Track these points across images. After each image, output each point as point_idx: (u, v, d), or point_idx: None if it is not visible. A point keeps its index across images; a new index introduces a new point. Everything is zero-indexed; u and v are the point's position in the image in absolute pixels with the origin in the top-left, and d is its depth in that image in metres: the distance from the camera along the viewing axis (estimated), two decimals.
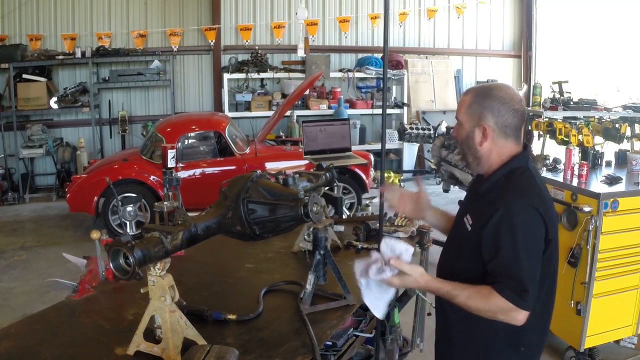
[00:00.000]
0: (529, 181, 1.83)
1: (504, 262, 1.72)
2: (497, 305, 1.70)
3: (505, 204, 1.75)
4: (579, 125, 4.35)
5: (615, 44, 8.66)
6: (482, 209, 1.82)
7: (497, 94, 1.84)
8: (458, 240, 1.95)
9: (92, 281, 2.41)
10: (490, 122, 1.82)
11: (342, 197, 2.98)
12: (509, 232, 1.71)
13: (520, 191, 1.79)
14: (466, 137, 1.87)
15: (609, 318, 3.51)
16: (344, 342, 2.12)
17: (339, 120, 6.81)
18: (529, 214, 1.74)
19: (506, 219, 1.73)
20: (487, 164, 1.88)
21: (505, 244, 1.72)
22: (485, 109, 1.82)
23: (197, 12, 9.02)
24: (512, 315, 1.71)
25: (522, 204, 1.75)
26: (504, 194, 1.79)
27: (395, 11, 9.75)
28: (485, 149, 1.85)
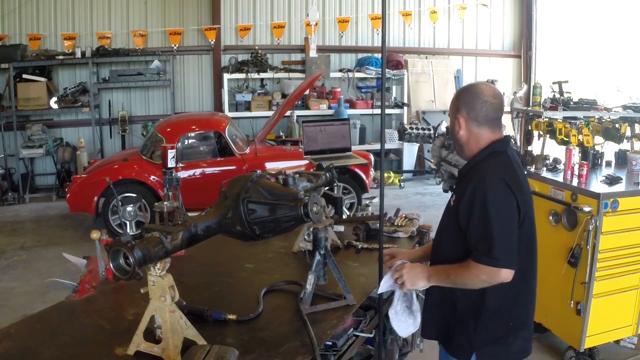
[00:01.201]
0: (502, 161, 2.07)
1: (476, 227, 1.96)
2: (479, 273, 1.93)
3: (477, 177, 2.02)
4: (579, 125, 4.35)
5: (615, 44, 8.66)
6: (462, 186, 2.09)
7: (470, 89, 2.17)
8: (446, 219, 2.18)
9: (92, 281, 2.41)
10: (463, 113, 2.12)
11: (342, 197, 2.98)
12: (479, 201, 1.96)
13: (492, 167, 2.04)
14: (451, 129, 2.21)
15: (609, 318, 3.51)
16: (344, 342, 2.12)
17: (339, 120, 6.81)
18: (498, 184, 1.98)
19: (477, 190, 1.98)
20: (467, 149, 2.16)
21: (477, 211, 1.96)
22: (460, 103, 2.14)
23: (197, 12, 9.02)
24: (495, 276, 1.92)
25: (492, 177, 2.00)
26: (478, 171, 2.06)
27: (396, 11, 9.76)
28: (463, 137, 2.14)
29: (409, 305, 2.17)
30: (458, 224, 2.04)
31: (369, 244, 2.80)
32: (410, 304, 2.17)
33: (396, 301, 2.16)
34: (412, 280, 2.07)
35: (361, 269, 2.52)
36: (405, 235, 2.90)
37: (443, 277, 2.04)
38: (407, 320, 2.17)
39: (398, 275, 2.09)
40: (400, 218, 3.03)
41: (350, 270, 2.49)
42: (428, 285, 2.09)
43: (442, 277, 2.04)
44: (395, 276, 2.10)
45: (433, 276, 2.06)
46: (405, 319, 2.17)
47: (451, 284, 2.02)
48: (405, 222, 2.98)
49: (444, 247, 2.17)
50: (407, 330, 2.20)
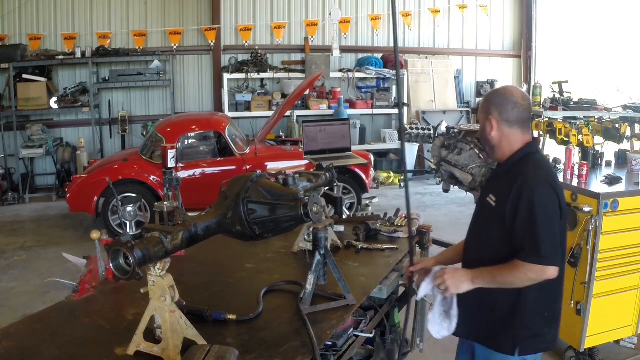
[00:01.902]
0: (540, 163, 2.19)
1: (523, 227, 2.03)
2: (527, 272, 2.01)
3: (522, 178, 2.09)
4: (579, 125, 4.35)
5: (615, 44, 8.66)
6: (503, 187, 2.16)
7: (500, 92, 2.25)
8: (483, 219, 2.27)
9: (92, 281, 2.41)
10: (495, 114, 2.19)
11: (342, 197, 2.98)
12: (526, 202, 2.04)
13: (534, 169, 2.14)
14: (481, 130, 2.27)
15: (609, 318, 3.51)
16: (344, 342, 2.12)
17: (339, 120, 6.82)
18: (543, 186, 2.09)
19: (524, 191, 2.06)
20: (500, 151, 2.24)
21: (523, 211, 2.04)
22: (491, 105, 2.21)
23: (197, 12, 9.02)
24: (543, 274, 2.02)
25: (537, 179, 2.10)
26: (521, 172, 2.13)
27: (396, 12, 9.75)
28: (495, 137, 2.21)
29: (447, 310, 2.22)
30: (499, 224, 2.13)
31: (369, 244, 2.80)
32: (449, 308, 2.21)
33: (436, 306, 2.22)
34: (455, 285, 2.12)
35: (361, 269, 2.52)
36: (405, 235, 2.90)
37: (489, 279, 2.09)
38: (442, 324, 2.23)
39: (440, 281, 2.13)
40: (400, 218, 3.03)
41: (350, 270, 2.49)
42: (472, 287, 2.11)
43: (488, 279, 2.09)
44: (437, 282, 2.15)
45: (477, 278, 2.11)
46: (441, 323, 2.23)
47: (497, 285, 2.08)
48: (405, 222, 2.98)
49: (482, 246, 2.24)
50: (442, 332, 2.24)
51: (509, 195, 2.09)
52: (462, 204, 7.19)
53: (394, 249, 2.74)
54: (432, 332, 2.26)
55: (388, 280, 2.51)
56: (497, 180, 2.28)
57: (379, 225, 2.98)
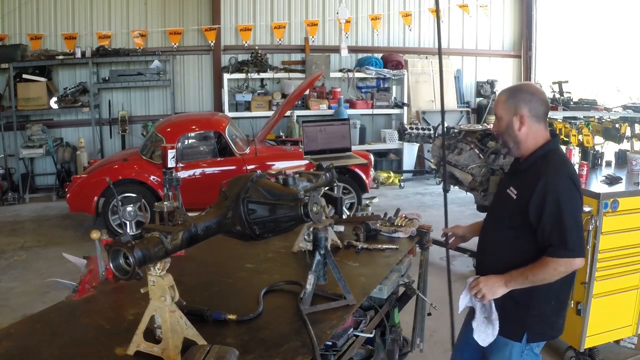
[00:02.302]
0: (562, 159, 2.30)
1: (550, 222, 2.13)
2: (557, 266, 2.13)
3: (546, 175, 2.18)
4: (579, 125, 4.36)
5: (615, 43, 8.66)
6: (525, 181, 2.25)
7: (526, 89, 2.33)
8: (501, 211, 2.37)
9: (92, 281, 2.40)
10: (524, 110, 2.26)
11: (342, 197, 2.98)
12: (552, 198, 2.14)
13: (557, 165, 2.23)
14: (506, 127, 2.30)
15: (609, 318, 3.51)
16: (344, 342, 2.12)
17: (339, 120, 6.81)
18: (567, 183, 2.18)
19: (549, 187, 2.15)
20: (524, 146, 2.30)
21: (550, 207, 2.13)
22: (519, 101, 2.27)
23: (197, 12, 9.03)
24: (572, 266, 2.15)
25: (561, 176, 2.19)
26: (544, 168, 2.22)
27: (396, 12, 9.76)
28: (523, 133, 2.28)
29: (487, 316, 2.32)
30: (518, 215, 2.23)
31: (369, 244, 2.79)
32: (489, 314, 2.31)
33: (478, 314, 2.35)
34: (491, 291, 2.24)
35: (361, 269, 2.52)
36: (405, 235, 2.90)
37: (521, 280, 2.19)
38: (486, 330, 2.33)
39: (476, 290, 2.27)
40: (400, 218, 3.03)
41: (350, 270, 2.48)
42: (507, 291, 2.23)
43: (520, 280, 2.19)
44: (474, 292, 2.29)
45: (510, 282, 2.22)
46: (485, 330, 2.34)
47: (530, 283, 2.19)
48: (405, 222, 2.98)
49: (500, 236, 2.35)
50: (487, 339, 2.34)
51: (531, 190, 2.17)
52: (462, 204, 7.19)
53: (394, 249, 2.74)
54: (478, 341, 2.37)
55: (388, 280, 2.51)
56: (518, 174, 2.35)
57: (379, 225, 2.98)
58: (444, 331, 4.08)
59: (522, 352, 2.30)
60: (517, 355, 2.31)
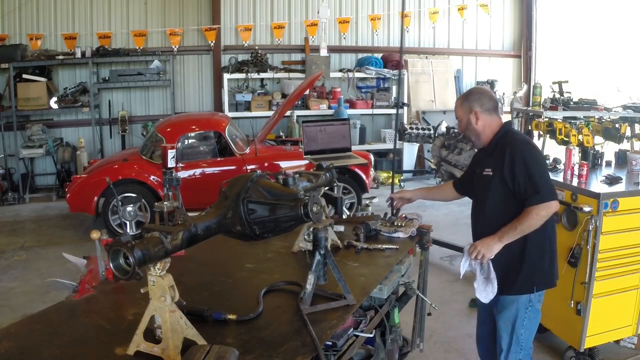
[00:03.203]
0: (518, 133, 2.87)
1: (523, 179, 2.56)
2: (538, 212, 2.53)
3: (510, 146, 2.63)
4: (579, 125, 4.35)
5: (615, 43, 8.66)
6: (495, 159, 2.69)
7: (475, 91, 2.88)
8: (485, 191, 2.75)
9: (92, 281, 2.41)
10: (476, 108, 2.75)
11: (342, 197, 2.98)
12: (519, 160, 2.58)
13: (516, 137, 2.73)
14: (467, 124, 2.78)
15: (609, 318, 3.51)
16: (344, 342, 2.12)
17: (339, 120, 6.81)
18: (527, 146, 2.68)
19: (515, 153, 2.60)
20: (484, 136, 2.78)
21: (519, 167, 2.58)
22: (471, 101, 2.77)
23: (197, 12, 9.02)
24: (550, 208, 2.57)
25: (520, 141, 2.68)
26: (506, 142, 2.68)
27: (395, 12, 9.76)
28: (480, 126, 2.76)
29: (486, 276, 2.63)
30: (501, 187, 2.64)
31: (369, 244, 2.80)
32: (487, 274, 2.63)
33: (478, 275, 2.66)
34: (489, 250, 2.58)
35: (361, 269, 2.52)
36: (405, 235, 2.90)
37: (512, 232, 2.56)
38: (486, 289, 2.64)
39: (475, 252, 2.60)
40: (400, 218, 3.03)
41: (350, 270, 2.49)
42: (502, 245, 2.58)
43: (512, 233, 2.56)
44: (473, 254, 2.60)
45: (503, 237, 2.58)
46: (485, 288, 2.65)
47: (520, 233, 2.57)
48: (405, 222, 2.98)
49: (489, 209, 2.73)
50: (488, 296, 2.65)
51: (502, 163, 2.62)
52: (462, 204, 7.15)
53: (394, 249, 2.74)
54: (480, 298, 2.68)
55: (388, 280, 2.51)
56: (487, 157, 2.77)
57: (379, 225, 2.98)
58: (444, 331, 4.09)
59: (527, 308, 2.69)
60: (522, 310, 2.69)
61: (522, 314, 2.69)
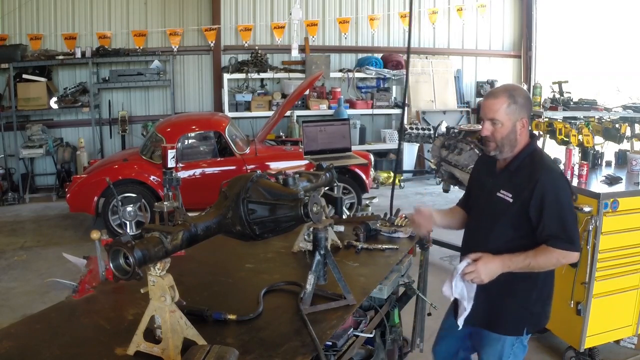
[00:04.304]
0: (548, 157, 2.38)
1: (554, 219, 2.22)
2: (560, 257, 2.22)
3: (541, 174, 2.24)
4: (579, 125, 4.35)
5: (615, 43, 8.66)
6: (518, 183, 2.30)
7: (520, 92, 2.34)
8: (495, 213, 2.36)
9: (92, 281, 2.40)
10: (525, 115, 2.32)
11: (342, 197, 2.98)
12: (553, 197, 2.22)
13: (549, 164, 2.32)
14: (509, 132, 2.30)
15: (609, 318, 3.51)
16: (344, 342, 2.12)
17: (339, 120, 6.82)
18: (561, 179, 2.30)
19: (547, 185, 2.23)
20: (517, 148, 2.35)
21: (552, 205, 2.22)
22: (522, 107, 2.30)
23: (197, 12, 9.02)
24: (572, 259, 2.25)
25: (555, 173, 2.29)
26: (536, 168, 2.28)
27: (395, 12, 9.76)
28: (523, 137, 2.33)
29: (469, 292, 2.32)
30: (520, 218, 2.28)
31: (369, 244, 2.80)
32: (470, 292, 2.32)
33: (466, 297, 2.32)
34: (489, 275, 2.23)
35: (361, 269, 2.52)
36: (405, 235, 2.90)
37: (520, 265, 2.23)
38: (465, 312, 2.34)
39: (475, 275, 2.23)
40: (400, 218, 3.03)
41: (350, 270, 2.49)
42: (502, 271, 2.24)
43: (520, 266, 2.23)
44: (471, 276, 2.24)
45: (510, 265, 2.24)
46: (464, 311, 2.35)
47: (528, 269, 2.24)
48: (405, 222, 2.98)
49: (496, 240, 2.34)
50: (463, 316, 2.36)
51: (530, 192, 2.23)
52: None
53: (394, 249, 2.74)
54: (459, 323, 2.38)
55: (388, 280, 2.51)
56: (507, 177, 2.36)
57: (379, 225, 2.98)
58: None
59: (513, 344, 2.39)
60: (508, 348, 2.39)
61: (507, 352, 2.40)
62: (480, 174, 2.57)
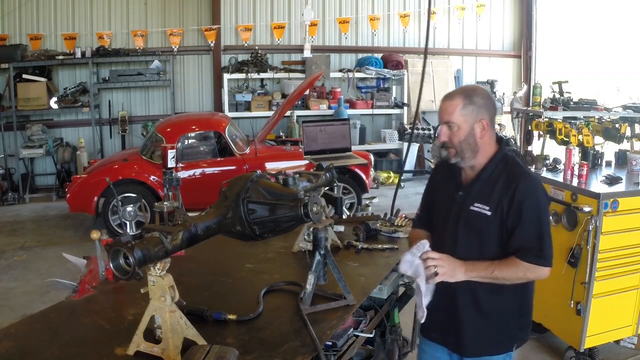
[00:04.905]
0: (522, 164, 2.18)
1: (529, 230, 2.02)
2: (527, 271, 2.03)
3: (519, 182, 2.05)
4: (579, 125, 4.35)
5: (615, 44, 8.66)
6: (494, 193, 2.08)
7: (479, 91, 2.14)
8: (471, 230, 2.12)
9: (92, 281, 2.40)
10: (486, 116, 2.10)
11: (342, 197, 2.98)
12: (531, 207, 2.03)
13: (526, 171, 2.14)
14: (467, 135, 2.09)
15: (609, 318, 3.51)
16: (344, 342, 2.12)
17: (339, 120, 6.82)
18: (540, 189, 2.10)
19: (527, 193, 2.03)
20: (482, 154, 2.13)
21: (529, 216, 2.02)
22: (480, 107, 2.09)
23: (197, 12, 9.02)
24: (542, 274, 2.05)
25: (534, 181, 2.10)
26: (513, 175, 2.08)
27: (395, 12, 9.76)
28: (484, 142, 2.11)
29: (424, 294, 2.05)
30: (500, 232, 2.06)
31: (369, 244, 2.80)
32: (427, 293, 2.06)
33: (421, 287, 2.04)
34: (451, 274, 2.01)
35: (361, 269, 2.52)
36: (405, 235, 2.90)
37: (484, 272, 2.02)
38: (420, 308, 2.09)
39: (435, 263, 1.98)
40: (400, 218, 3.03)
41: (350, 270, 2.49)
42: (464, 279, 2.03)
43: (483, 273, 2.02)
44: (432, 263, 1.98)
45: (472, 271, 2.03)
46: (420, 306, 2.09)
47: (490, 279, 2.03)
48: (405, 222, 2.98)
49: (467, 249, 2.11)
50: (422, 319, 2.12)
51: (509, 201, 2.02)
52: None
53: (394, 249, 2.74)
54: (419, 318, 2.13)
55: (388, 280, 2.51)
56: (479, 186, 2.12)
57: (379, 225, 2.98)
58: None
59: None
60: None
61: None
62: (442, 186, 2.29)
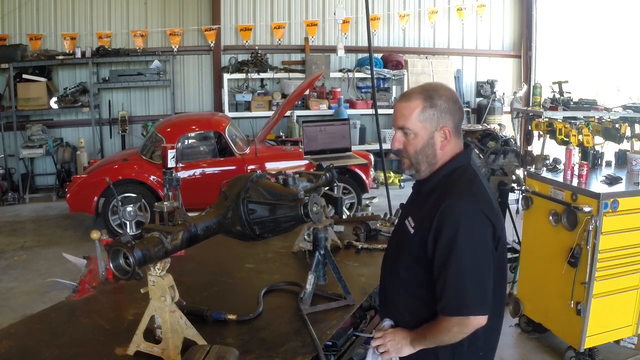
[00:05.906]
0: (470, 181, 1.76)
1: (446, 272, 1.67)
2: (450, 326, 1.69)
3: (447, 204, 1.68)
4: (579, 125, 4.35)
5: (615, 43, 8.66)
6: (425, 211, 1.76)
7: (442, 92, 1.78)
8: (399, 244, 1.90)
9: (92, 281, 2.41)
10: (449, 122, 1.76)
11: (342, 197, 2.98)
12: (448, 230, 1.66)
13: (462, 188, 1.73)
14: (425, 145, 1.78)
15: (609, 318, 3.51)
16: (344, 342, 2.12)
17: (339, 120, 6.81)
18: (472, 213, 1.68)
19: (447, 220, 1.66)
20: (436, 166, 1.81)
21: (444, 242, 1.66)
22: (443, 112, 1.75)
23: (197, 12, 9.02)
24: (468, 326, 1.68)
25: (464, 200, 1.70)
26: (446, 193, 1.72)
27: (395, 12, 9.76)
28: (446, 153, 1.79)
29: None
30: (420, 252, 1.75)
31: (369, 244, 2.80)
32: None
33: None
34: (396, 348, 1.82)
35: (361, 269, 2.52)
36: None
37: (423, 340, 1.78)
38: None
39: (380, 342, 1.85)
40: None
41: (350, 270, 2.49)
42: (413, 351, 1.81)
43: (423, 341, 1.78)
44: (376, 343, 1.86)
45: (415, 340, 1.80)
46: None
47: (433, 344, 1.77)
48: None
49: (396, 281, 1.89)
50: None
51: (429, 222, 1.69)
52: None
53: None
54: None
55: None
56: (419, 201, 1.87)
57: (379, 225, 2.99)
58: None
59: None
60: None
61: None
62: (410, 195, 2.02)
